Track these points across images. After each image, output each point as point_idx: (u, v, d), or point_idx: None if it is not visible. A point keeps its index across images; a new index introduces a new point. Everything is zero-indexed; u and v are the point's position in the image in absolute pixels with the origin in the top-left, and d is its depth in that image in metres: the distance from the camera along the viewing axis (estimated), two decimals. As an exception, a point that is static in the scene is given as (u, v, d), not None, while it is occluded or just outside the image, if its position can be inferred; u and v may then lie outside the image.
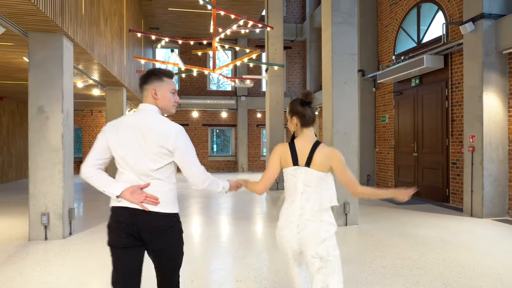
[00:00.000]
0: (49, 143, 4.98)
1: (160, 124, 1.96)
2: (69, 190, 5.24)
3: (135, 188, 1.92)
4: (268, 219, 6.47)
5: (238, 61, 6.93)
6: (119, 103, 9.58)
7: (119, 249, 1.97)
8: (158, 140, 1.92)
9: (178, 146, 1.95)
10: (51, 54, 4.98)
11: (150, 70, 2.06)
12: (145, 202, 1.91)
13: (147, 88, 2.03)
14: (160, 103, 2.04)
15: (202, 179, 2.08)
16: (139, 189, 1.93)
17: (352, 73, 5.89)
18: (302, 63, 17.54)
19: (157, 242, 1.95)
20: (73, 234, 5.28)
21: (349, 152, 5.82)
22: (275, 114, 10.40)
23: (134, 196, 1.90)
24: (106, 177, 2.00)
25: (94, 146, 2.02)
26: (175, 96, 2.09)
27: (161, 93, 2.03)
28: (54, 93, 5.00)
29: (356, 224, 5.82)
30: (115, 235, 1.98)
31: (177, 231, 2.06)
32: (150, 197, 1.93)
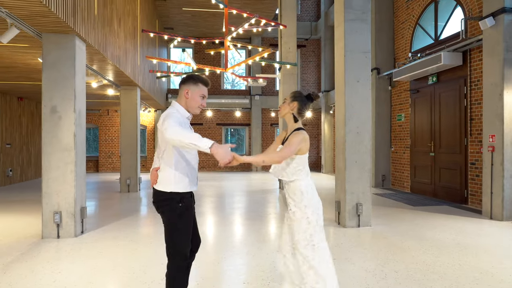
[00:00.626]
0: (62, 143, 5.05)
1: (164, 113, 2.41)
2: (81, 189, 5.30)
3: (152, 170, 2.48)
4: (281, 220, 6.39)
5: (250, 60, 6.88)
6: (133, 103, 9.67)
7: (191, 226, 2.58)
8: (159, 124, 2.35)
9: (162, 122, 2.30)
10: (64, 54, 5.05)
11: (191, 74, 2.72)
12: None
13: (183, 87, 2.47)
14: (188, 103, 2.47)
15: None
16: (154, 170, 2.45)
17: (365, 71, 5.76)
18: (317, 62, 17.35)
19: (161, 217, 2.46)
20: (85, 233, 5.34)
21: (362, 152, 5.69)
22: (288, 113, 10.29)
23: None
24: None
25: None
26: (203, 101, 2.48)
27: (191, 95, 2.45)
28: (67, 93, 5.06)
29: (369, 226, 5.68)
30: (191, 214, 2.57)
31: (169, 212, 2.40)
32: (155, 176, 2.42)
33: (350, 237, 5.13)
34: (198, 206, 7.67)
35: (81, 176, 5.30)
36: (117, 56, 7.23)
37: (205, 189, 10.29)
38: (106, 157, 16.31)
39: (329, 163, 15.50)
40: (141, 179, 10.07)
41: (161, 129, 2.28)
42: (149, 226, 5.85)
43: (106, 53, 6.36)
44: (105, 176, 14.18)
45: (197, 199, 8.55)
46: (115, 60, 7.05)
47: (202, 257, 4.23)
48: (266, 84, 16.78)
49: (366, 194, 5.69)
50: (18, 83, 9.37)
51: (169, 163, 2.38)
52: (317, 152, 17.29)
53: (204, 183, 11.77)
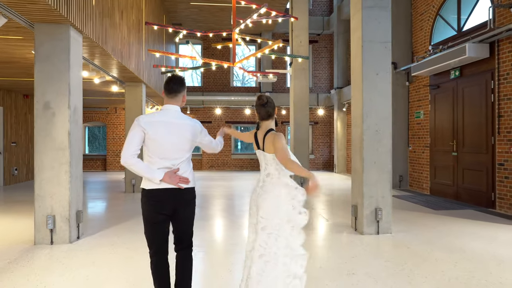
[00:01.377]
0: (55, 141, 4.68)
1: (188, 121, 2.59)
2: (77, 191, 4.93)
3: (171, 173, 2.46)
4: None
5: (259, 53, 6.42)
6: (138, 100, 9.31)
7: (154, 224, 2.51)
8: (189, 132, 2.54)
9: (200, 132, 2.66)
10: (57, 46, 4.68)
11: (178, 78, 2.60)
12: (180, 182, 2.46)
13: (181, 94, 2.60)
14: (182, 105, 2.64)
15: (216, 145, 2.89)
16: (173, 173, 2.47)
17: (385, 64, 5.25)
18: (329, 58, 16.78)
19: (184, 211, 2.55)
20: (82, 238, 4.98)
21: (382, 152, 5.19)
22: (300, 110, 9.82)
23: (172, 179, 2.44)
24: (145, 164, 2.46)
25: (131, 138, 2.44)
26: None
27: (184, 98, 2.65)
28: (61, 87, 4.70)
29: (389, 233, 5.19)
30: (153, 213, 2.50)
31: (194, 202, 2.67)
32: (183, 178, 2.50)
33: (369, 246, 4.65)
34: (206, 209, 7.27)
35: (77, 177, 4.93)
36: (120, 50, 6.86)
37: (213, 190, 9.89)
38: (114, 155, 16.07)
39: (342, 163, 14.96)
40: (146, 179, 9.71)
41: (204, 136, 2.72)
42: (151, 231, 5.45)
43: (106, 46, 5.99)
44: (112, 175, 13.91)
45: (205, 200, 8.19)
46: (117, 55, 6.69)
47: (209, 268, 3.81)
48: (277, 80, 16.30)
49: (386, 198, 5.20)
50: (21, 79, 9.11)
51: (190, 161, 2.66)
52: (329, 151, 16.75)
53: (213, 183, 11.37)
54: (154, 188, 2.44)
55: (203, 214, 6.70)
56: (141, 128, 2.44)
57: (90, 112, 16.16)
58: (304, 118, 9.83)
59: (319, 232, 5.49)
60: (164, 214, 2.48)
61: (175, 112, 2.54)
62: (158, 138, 2.43)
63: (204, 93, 16.17)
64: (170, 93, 2.55)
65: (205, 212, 6.91)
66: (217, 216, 6.69)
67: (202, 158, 16.31)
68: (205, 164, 16.22)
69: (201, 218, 6.36)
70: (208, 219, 6.36)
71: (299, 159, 2.85)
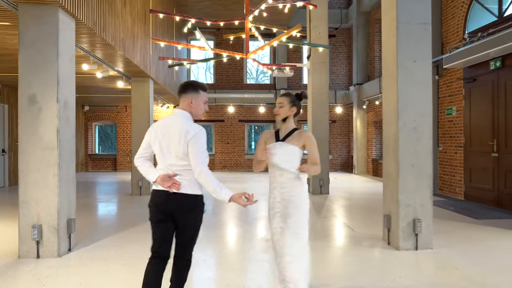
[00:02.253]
0: (42, 140, 4.09)
1: (186, 127, 2.44)
2: (69, 197, 4.33)
3: (165, 176, 2.45)
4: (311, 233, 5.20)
5: (275, 41, 5.72)
6: (145, 96, 8.73)
7: (155, 223, 2.52)
8: (182, 140, 2.41)
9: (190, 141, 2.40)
10: (44, 31, 4.08)
11: (188, 82, 2.59)
12: (172, 186, 2.43)
13: (185, 97, 2.55)
14: (193, 111, 2.55)
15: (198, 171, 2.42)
16: (167, 177, 2.44)
17: (424, 48, 4.48)
18: (348, 53, 15.93)
19: (182, 219, 2.49)
20: (74, 250, 4.37)
21: (421, 153, 4.42)
22: (319, 107, 9.06)
23: (164, 182, 2.43)
24: (148, 166, 2.55)
25: (143, 140, 2.59)
26: (205, 106, 2.61)
27: (196, 103, 2.55)
28: (49, 79, 4.09)
29: (430, 248, 4.40)
30: (152, 212, 2.52)
31: (197, 212, 2.53)
32: (176, 183, 2.43)
33: (407, 265, 3.89)
34: (217, 215, 6.60)
35: (69, 181, 4.33)
36: (122, 40, 6.26)
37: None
38: (124, 155, 15.61)
39: (362, 164, 14.10)
40: (154, 180, 9.12)
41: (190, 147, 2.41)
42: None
43: (105, 35, 5.38)
44: (122, 176, 13.42)
45: (217, 205, 7.52)
46: (119, 46, 6.09)
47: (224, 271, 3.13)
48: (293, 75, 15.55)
49: (426, 207, 4.42)
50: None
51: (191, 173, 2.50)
52: (347, 151, 15.89)
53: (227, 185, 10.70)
54: (154, 188, 2.53)
55: (215, 221, 6.04)
56: (149, 131, 2.57)
57: (100, 111, 15.75)
58: (324, 115, 9.06)
59: (347, 245, 4.74)
60: (162, 214, 2.48)
61: (177, 116, 2.53)
62: (154, 141, 2.50)
63: (216, 90, 15.54)
64: (177, 96, 2.61)
65: (217, 219, 6.24)
66: (229, 223, 6.01)
67: (214, 158, 15.69)
68: (218, 164, 15.59)
69: (212, 225, 5.70)
70: (220, 226, 5.68)
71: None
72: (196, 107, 2.54)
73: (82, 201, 7.94)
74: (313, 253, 4.29)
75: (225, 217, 6.41)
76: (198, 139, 2.39)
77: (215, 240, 4.92)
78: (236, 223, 6.09)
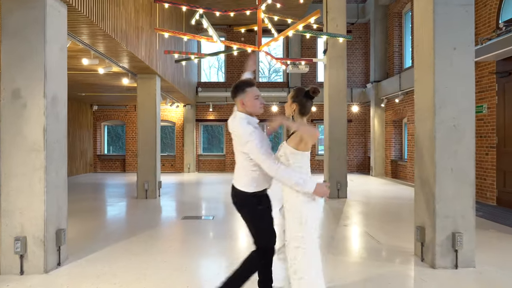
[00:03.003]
0: (27, 141, 3.61)
1: (239, 130, 2.59)
2: (58, 205, 3.84)
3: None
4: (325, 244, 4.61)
5: (291, 31, 5.15)
6: (151, 94, 8.26)
7: None
8: (237, 143, 2.63)
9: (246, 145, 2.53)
10: (30, 16, 3.60)
11: (235, 84, 2.69)
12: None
13: (237, 100, 2.69)
14: (248, 109, 2.65)
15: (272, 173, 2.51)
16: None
17: (466, 34, 3.84)
18: (364, 49, 15.21)
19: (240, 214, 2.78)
20: (64, 265, 3.88)
21: (462, 155, 3.79)
22: (336, 105, 8.44)
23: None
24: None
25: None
26: (260, 99, 2.67)
27: (246, 102, 2.64)
28: (35, 71, 3.62)
29: (472, 267, 3.77)
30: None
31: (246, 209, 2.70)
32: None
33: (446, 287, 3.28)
34: (226, 223, 6.06)
35: (58, 187, 3.85)
36: (124, 32, 5.79)
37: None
38: (133, 155, 15.23)
39: (380, 165, 13.38)
40: (161, 183, 8.65)
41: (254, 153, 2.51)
42: (154, 256, 4.29)
43: (103, 24, 4.91)
44: (130, 177, 13.02)
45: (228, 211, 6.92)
46: (120, 38, 5.61)
47: None
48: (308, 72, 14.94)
49: (467, 219, 3.79)
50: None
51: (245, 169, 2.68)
52: (364, 152, 15.19)
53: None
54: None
55: (224, 230, 5.51)
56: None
57: (109, 110, 15.42)
58: (341, 113, 8.44)
59: (371, 261, 4.13)
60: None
61: (235, 119, 2.65)
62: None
63: (227, 89, 15.03)
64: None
65: (226, 227, 5.70)
66: (240, 234, 5.46)
67: (225, 159, 15.20)
68: (229, 165, 15.08)
69: (222, 235, 5.17)
70: (231, 237, 5.13)
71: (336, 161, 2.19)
72: (250, 106, 2.62)
73: (82, 205, 7.51)
74: (331, 270, 3.71)
75: (236, 225, 5.87)
76: (251, 142, 2.48)
77: (226, 252, 4.38)
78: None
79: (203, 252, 4.38)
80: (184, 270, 3.76)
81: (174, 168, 15.28)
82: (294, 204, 2.52)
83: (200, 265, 3.97)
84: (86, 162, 14.77)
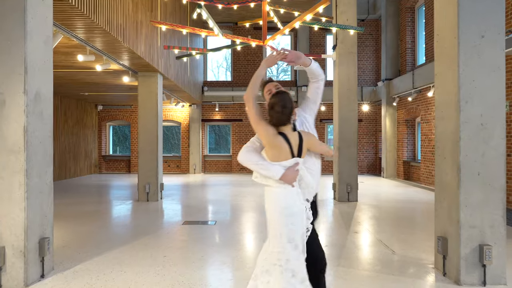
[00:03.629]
0: (6, 141, 3.29)
1: None
2: (42, 212, 3.52)
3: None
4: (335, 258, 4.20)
5: (298, 21, 4.76)
6: (153, 92, 7.94)
7: None
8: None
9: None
10: (8, 5, 3.28)
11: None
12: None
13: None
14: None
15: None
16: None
17: (495, 20, 3.41)
18: (375, 46, 14.72)
19: None
20: (48, 277, 3.55)
21: (490, 157, 3.35)
22: (346, 104, 8.02)
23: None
24: None
25: None
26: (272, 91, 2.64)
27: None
28: (14, 65, 3.30)
29: (502, 284, 3.33)
30: None
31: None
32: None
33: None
34: (230, 226, 5.69)
35: (42, 192, 3.52)
36: (120, 26, 5.46)
37: (243, 199, 8.32)
38: (139, 156, 14.98)
39: (392, 166, 12.88)
40: (163, 185, 8.32)
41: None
42: (148, 268, 3.94)
43: (95, 16, 4.58)
44: (135, 178, 12.73)
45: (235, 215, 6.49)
46: (116, 31, 5.29)
47: None
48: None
49: (497, 229, 3.35)
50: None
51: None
52: (375, 153, 14.69)
53: (242, 190, 9.81)
54: None
55: (227, 236, 5.14)
56: None
57: (114, 110, 15.20)
58: (352, 112, 8.01)
59: (386, 274, 3.71)
60: None
61: None
62: None
63: (234, 88, 14.69)
64: None
65: (229, 234, 5.33)
66: (245, 241, 5.08)
67: (232, 160, 14.85)
68: (235, 166, 14.73)
69: (225, 243, 4.80)
70: (235, 245, 4.76)
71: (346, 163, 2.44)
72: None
73: (79, 208, 7.23)
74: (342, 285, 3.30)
75: (240, 231, 5.49)
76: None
77: (230, 263, 4.01)
78: (256, 237, 5.16)
79: (203, 263, 4.02)
80: (180, 283, 3.40)
81: (180, 169, 14.99)
82: (271, 213, 2.34)
83: (200, 277, 3.60)
84: (91, 163, 14.57)
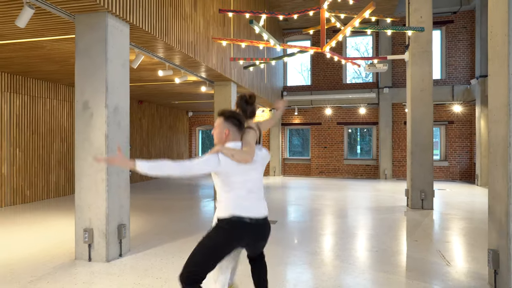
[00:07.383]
0: (93, 145, 4.15)
1: None
2: (120, 203, 4.32)
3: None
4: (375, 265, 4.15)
5: (348, 27, 4.83)
6: (227, 100, 8.65)
7: None
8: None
9: None
10: (94, 37, 4.15)
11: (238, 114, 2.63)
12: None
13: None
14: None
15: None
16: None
17: (555, 13, 3.08)
18: (470, 40, 13.34)
19: None
20: (125, 256, 4.34)
21: (547, 165, 3.03)
22: (420, 105, 7.60)
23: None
24: None
25: None
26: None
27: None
28: (98, 85, 4.14)
29: (563, 307, 2.98)
30: None
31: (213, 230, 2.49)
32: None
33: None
34: (309, 232, 5.97)
35: (120, 187, 4.32)
36: (191, 43, 6.20)
37: (321, 202, 8.49)
38: (223, 159, 16.13)
39: (487, 173, 11.51)
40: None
41: None
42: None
43: (166, 38, 5.34)
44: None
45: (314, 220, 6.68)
46: (186, 49, 6.03)
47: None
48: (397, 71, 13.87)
49: (555, 245, 3.01)
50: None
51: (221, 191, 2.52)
52: (469, 158, 13.28)
53: (319, 194, 9.96)
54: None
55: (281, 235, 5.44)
56: None
57: (202, 116, 16.65)
58: (427, 115, 7.55)
59: (430, 284, 3.59)
60: None
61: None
62: None
63: (312, 92, 14.83)
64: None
65: (284, 234, 5.63)
66: (326, 251, 5.32)
67: (311, 163, 14.98)
68: (314, 170, 14.82)
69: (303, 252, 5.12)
70: (315, 258, 5.04)
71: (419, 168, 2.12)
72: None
73: (166, 203, 8.26)
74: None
75: (299, 231, 5.74)
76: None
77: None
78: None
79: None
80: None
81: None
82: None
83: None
84: (182, 164, 16.19)
